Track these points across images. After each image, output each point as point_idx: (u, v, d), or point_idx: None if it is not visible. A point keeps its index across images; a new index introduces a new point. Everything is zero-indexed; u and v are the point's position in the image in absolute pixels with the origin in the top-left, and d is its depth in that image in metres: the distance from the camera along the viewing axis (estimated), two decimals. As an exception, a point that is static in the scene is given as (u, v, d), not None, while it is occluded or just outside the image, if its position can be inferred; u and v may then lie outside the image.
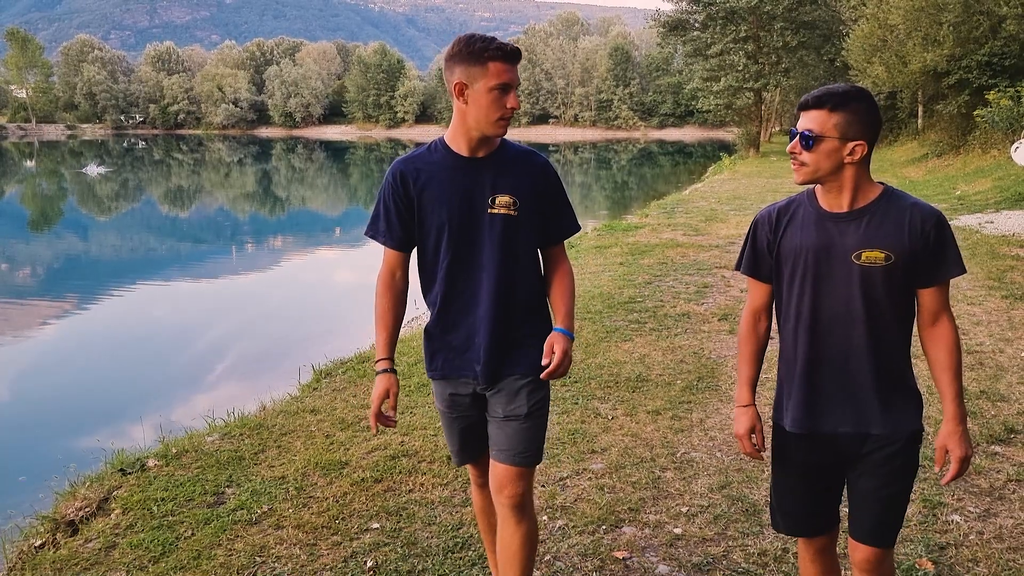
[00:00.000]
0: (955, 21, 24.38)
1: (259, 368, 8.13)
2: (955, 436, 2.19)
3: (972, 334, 6.48)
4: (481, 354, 2.50)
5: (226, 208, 29.14)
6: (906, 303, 2.21)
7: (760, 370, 2.43)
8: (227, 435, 4.78)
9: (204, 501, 3.93)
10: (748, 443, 2.38)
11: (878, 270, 2.13)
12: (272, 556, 3.40)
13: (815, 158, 2.13)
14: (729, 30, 36.88)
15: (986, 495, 3.82)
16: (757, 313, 2.42)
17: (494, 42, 2.32)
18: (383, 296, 2.59)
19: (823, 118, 2.11)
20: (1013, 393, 5.13)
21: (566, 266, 2.64)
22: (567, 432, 4.69)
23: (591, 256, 10.84)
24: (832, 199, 2.19)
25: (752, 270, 2.38)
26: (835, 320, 2.19)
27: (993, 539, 3.43)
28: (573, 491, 3.97)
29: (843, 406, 2.22)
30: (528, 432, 2.53)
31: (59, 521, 4.01)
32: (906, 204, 2.16)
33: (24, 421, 7.07)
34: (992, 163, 21.48)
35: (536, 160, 2.57)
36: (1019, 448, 4.33)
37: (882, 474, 2.22)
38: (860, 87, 2.16)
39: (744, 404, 2.40)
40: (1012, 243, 10.77)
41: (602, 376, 5.68)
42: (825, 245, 2.18)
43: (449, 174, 2.46)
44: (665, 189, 27.48)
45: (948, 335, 2.20)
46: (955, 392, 2.19)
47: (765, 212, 2.36)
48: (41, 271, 16.06)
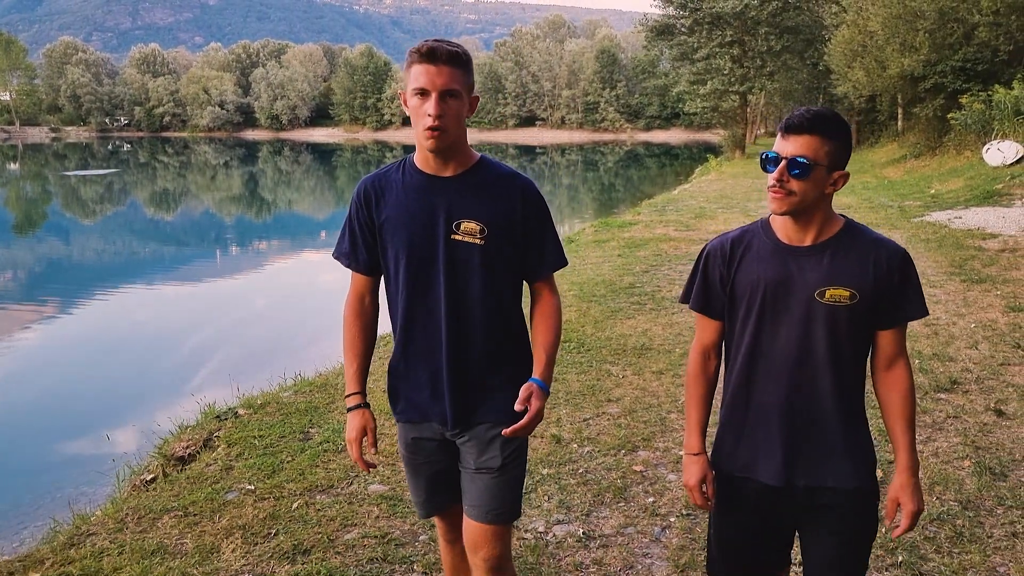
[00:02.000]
0: (931, 28, 25.41)
1: (260, 364, 8.41)
2: (907, 489, 2.06)
3: (933, 311, 7.40)
4: (448, 398, 2.27)
5: (227, 209, 29.68)
6: (864, 346, 2.08)
7: (709, 413, 2.27)
8: (298, 391, 5.64)
9: (295, 437, 4.78)
10: (699, 495, 2.19)
11: (843, 309, 1.99)
12: (362, 472, 4.25)
13: (804, 187, 1.96)
14: (715, 35, 37.95)
15: (928, 427, 4.73)
16: (707, 351, 2.25)
17: (425, 43, 2.09)
18: (351, 324, 2.40)
19: (816, 145, 1.95)
20: (960, 355, 6.05)
21: (550, 305, 2.36)
22: (586, 386, 5.57)
23: (591, 249, 11.73)
24: (794, 231, 2.05)
25: (702, 306, 2.21)
26: (792, 361, 2.04)
27: (931, 455, 4.34)
28: (595, 427, 4.85)
29: (794, 456, 2.06)
30: (502, 487, 2.31)
31: (169, 457, 4.85)
32: (869, 239, 2.04)
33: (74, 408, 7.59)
34: (965, 163, 22.48)
35: (515, 183, 2.29)
36: (959, 395, 5.24)
37: (839, 534, 2.07)
38: (835, 111, 2.06)
39: (694, 452, 2.21)
40: (976, 236, 11.71)
41: (611, 345, 6.56)
42: (783, 280, 2.03)
43: (412, 195, 2.24)
44: (652, 191, 28.00)
45: (904, 380, 2.08)
46: (908, 441, 2.07)
47: (717, 243, 2.19)
48: (58, 268, 16.72)
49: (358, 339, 2.39)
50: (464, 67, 2.13)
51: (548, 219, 2.34)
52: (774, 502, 2.10)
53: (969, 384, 5.45)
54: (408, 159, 2.30)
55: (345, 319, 2.40)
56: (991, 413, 4.91)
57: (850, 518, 2.05)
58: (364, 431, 2.34)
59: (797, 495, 2.07)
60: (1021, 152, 18.99)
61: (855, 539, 2.07)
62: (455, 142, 2.18)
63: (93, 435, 6.41)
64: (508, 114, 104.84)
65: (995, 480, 4.04)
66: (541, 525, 3.72)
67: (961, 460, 4.28)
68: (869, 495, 2.08)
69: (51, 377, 8.23)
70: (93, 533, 3.69)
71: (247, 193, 35.76)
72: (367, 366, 2.41)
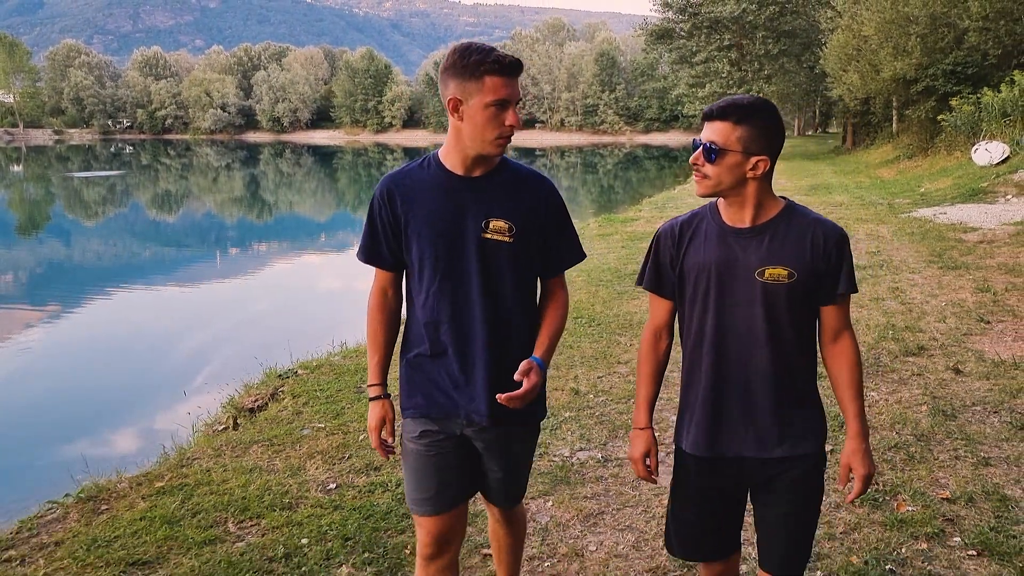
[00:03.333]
0: (922, 33, 26.19)
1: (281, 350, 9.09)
2: (858, 454, 2.17)
3: (909, 292, 8.18)
4: (479, 393, 2.29)
5: (234, 210, 30.27)
6: (808, 322, 2.18)
7: (659, 390, 2.38)
8: (346, 356, 6.42)
9: (351, 390, 5.56)
10: (642, 467, 2.33)
11: (781, 287, 2.09)
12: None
13: (717, 171, 2.07)
14: (714, 39, 38.86)
15: (895, 382, 5.50)
16: (658, 331, 2.35)
17: (491, 54, 2.14)
18: (374, 317, 2.44)
19: (727, 131, 2.06)
20: (929, 328, 6.83)
21: (562, 298, 2.45)
22: (598, 352, 6.35)
23: (596, 241, 12.51)
24: (734, 214, 2.16)
25: (654, 286, 2.32)
26: (738, 339, 2.14)
27: (895, 403, 5.12)
28: (607, 382, 5.63)
29: (745, 429, 2.17)
30: (517, 479, 2.52)
31: (240, 409, 5.61)
32: (809, 220, 2.14)
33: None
34: (955, 163, 23.23)
35: (540, 184, 2.37)
36: (924, 359, 6.01)
37: (787, 501, 2.20)
38: (766, 100, 2.14)
39: (641, 427, 2.33)
40: (957, 230, 12.48)
41: (618, 320, 7.34)
42: (728, 261, 2.13)
43: (440, 194, 2.27)
44: (650, 192, 28.39)
45: (849, 352, 2.20)
46: (857, 409, 2.18)
47: (668, 226, 2.30)
48: (90, 265, 17.44)
49: (380, 332, 2.44)
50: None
51: (568, 218, 2.43)
52: (728, 474, 2.22)
53: (934, 350, 6.22)
54: (432, 157, 2.33)
55: (369, 312, 2.45)
56: (950, 372, 5.68)
57: (799, 485, 2.18)
58: (384, 420, 2.42)
59: (749, 466, 2.19)
60: (1007, 152, 19.74)
61: (804, 503, 2.20)
62: None
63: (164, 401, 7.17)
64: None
65: (946, 420, 4.81)
66: (566, 451, 4.49)
67: (919, 406, 5.05)
68: (817, 461, 2.21)
69: (117, 359, 8.96)
70: (197, 458, 4.46)
71: (252, 195, 35.77)
72: (389, 357, 2.47)
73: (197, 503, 3.85)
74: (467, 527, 2.58)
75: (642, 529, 3.63)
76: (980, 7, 24.00)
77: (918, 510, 3.70)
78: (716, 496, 2.26)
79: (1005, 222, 12.80)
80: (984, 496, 3.83)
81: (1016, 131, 20.49)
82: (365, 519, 3.69)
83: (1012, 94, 21.30)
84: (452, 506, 2.40)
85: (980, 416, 4.87)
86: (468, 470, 2.43)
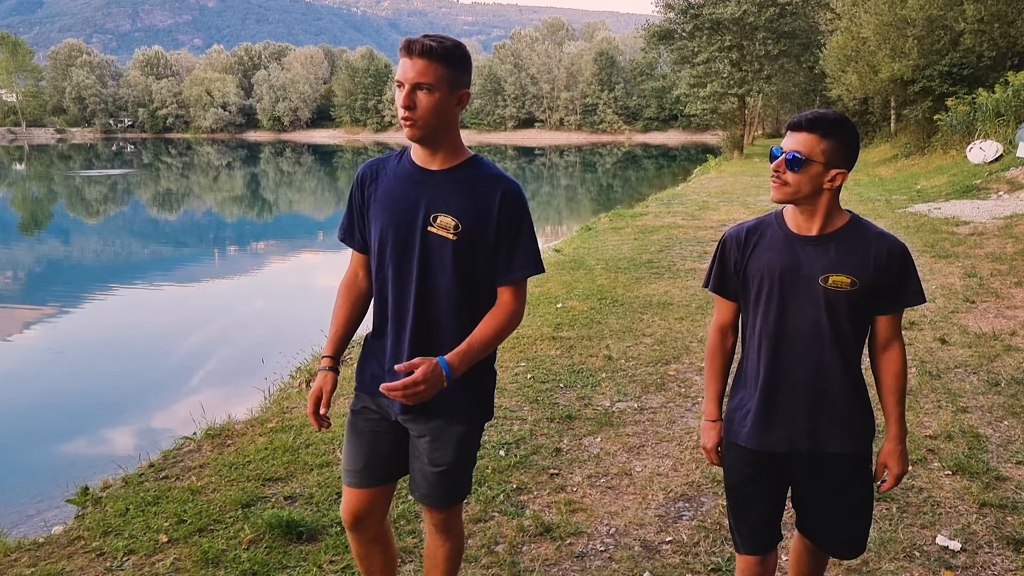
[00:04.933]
0: (920, 35, 26.90)
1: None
2: (895, 455, 2.33)
3: (902, 278, 8.94)
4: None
5: (243, 209, 30.82)
6: (863, 326, 2.28)
7: (726, 385, 2.49)
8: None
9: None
10: (715, 455, 2.48)
11: (842, 294, 2.18)
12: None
13: (798, 180, 2.16)
14: (715, 39, 39.48)
15: (889, 349, 6.25)
16: (724, 329, 2.47)
17: (409, 38, 2.17)
18: (341, 294, 2.51)
19: (813, 142, 2.14)
20: (919, 307, 7.57)
21: (506, 309, 2.33)
22: (624, 327, 7.11)
23: (609, 235, 13.27)
24: (803, 222, 2.24)
25: (719, 288, 2.43)
26: (799, 340, 2.24)
27: (888, 365, 5.87)
28: (636, 350, 6.38)
29: (800, 424, 2.27)
30: (453, 479, 2.43)
31: (312, 373, 6.34)
32: (872, 233, 2.23)
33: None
34: (951, 162, 23.95)
35: (500, 185, 2.30)
36: (915, 332, 6.79)
37: (837, 490, 2.32)
38: (848, 117, 2.24)
39: (712, 419, 2.48)
40: (950, 223, 13.24)
41: (639, 301, 8.10)
42: (793, 266, 2.22)
43: (400, 183, 2.33)
44: (649, 192, 28.55)
45: (898, 361, 2.30)
46: (898, 414, 2.31)
47: (734, 231, 2.39)
48: (107, 262, 18.08)
49: (343, 308, 2.48)
50: (441, 61, 2.15)
51: (526, 225, 2.33)
52: (778, 468, 2.33)
53: (924, 325, 6.98)
54: (408, 149, 2.38)
55: (338, 289, 2.52)
56: (937, 342, 6.45)
57: (851, 478, 2.31)
58: (321, 392, 2.43)
59: (801, 461, 2.30)
60: (1000, 150, 20.45)
61: (859, 493, 2.34)
62: (433, 135, 2.24)
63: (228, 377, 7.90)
64: (507, 116, 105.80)
65: (932, 379, 5.57)
66: (607, 402, 5.25)
67: (910, 368, 5.81)
68: (864, 459, 2.33)
69: (143, 351, 9.69)
70: (295, 407, 5.21)
71: (256, 192, 36.01)
72: (348, 336, 2.50)
73: (307, 438, 4.61)
74: (389, 507, 2.63)
75: (678, 456, 4.39)
76: (975, 10, 24.73)
77: (907, 444, 4.45)
78: (768, 488, 2.37)
79: (995, 216, 13.55)
80: (960, 434, 4.59)
81: (1010, 130, 21.19)
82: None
83: (1006, 94, 21.98)
84: (376, 483, 2.46)
85: (961, 376, 5.64)
86: (399, 454, 2.45)
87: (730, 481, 2.43)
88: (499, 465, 4.29)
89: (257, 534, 3.55)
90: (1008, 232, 11.63)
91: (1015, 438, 4.54)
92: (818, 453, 2.27)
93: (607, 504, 3.90)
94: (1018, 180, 16.74)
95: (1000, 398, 5.17)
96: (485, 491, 3.99)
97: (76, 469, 5.10)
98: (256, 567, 3.29)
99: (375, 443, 2.42)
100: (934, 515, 3.71)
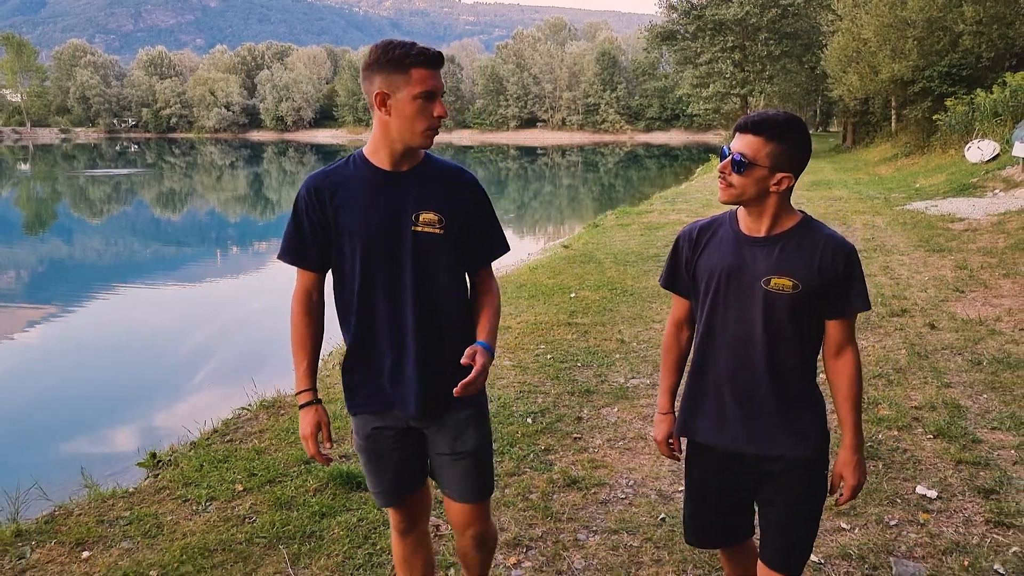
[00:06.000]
0: (919, 36, 27.37)
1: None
2: (851, 465, 2.25)
3: (897, 270, 9.42)
4: (413, 385, 2.33)
5: (249, 208, 31.31)
6: (810, 332, 2.23)
7: (681, 378, 2.49)
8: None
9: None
10: (666, 447, 2.49)
11: (785, 296, 2.15)
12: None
13: (742, 182, 2.14)
14: (717, 40, 40.11)
15: (881, 335, 6.75)
16: (679, 323, 2.47)
17: (415, 47, 2.18)
18: (299, 321, 2.41)
19: (758, 145, 2.11)
20: (912, 296, 8.07)
21: (494, 287, 2.49)
22: (635, 313, 7.60)
23: (616, 231, 13.77)
24: (751, 223, 2.23)
25: (671, 284, 2.44)
26: (740, 341, 2.23)
27: (880, 348, 6.37)
28: (647, 335, 6.88)
29: (744, 426, 2.25)
30: (480, 467, 2.47)
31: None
32: (821, 235, 2.19)
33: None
34: (949, 161, 24.39)
35: (464, 177, 2.42)
36: (906, 318, 7.26)
37: (786, 500, 2.27)
38: (798, 118, 2.17)
39: (664, 412, 2.49)
40: (946, 220, 13.71)
41: (648, 291, 8.60)
42: (738, 267, 2.21)
43: (369, 189, 2.31)
44: (651, 192, 28.65)
45: (851, 366, 2.24)
46: (853, 422, 2.25)
47: (688, 229, 2.40)
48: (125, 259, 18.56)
49: (307, 336, 2.41)
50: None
51: (492, 210, 2.48)
52: (732, 467, 2.32)
53: (915, 312, 7.46)
54: (358, 155, 2.36)
55: (293, 316, 2.42)
56: (927, 327, 6.93)
57: (796, 485, 2.24)
58: (319, 426, 2.38)
59: (749, 461, 2.28)
60: (997, 150, 20.89)
61: (802, 504, 2.26)
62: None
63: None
64: (510, 116, 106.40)
65: (920, 359, 6.06)
66: (621, 379, 5.75)
67: (900, 349, 6.30)
68: (815, 464, 2.26)
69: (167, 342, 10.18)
70: (335, 384, 5.69)
71: (257, 192, 36.75)
72: (316, 362, 2.45)
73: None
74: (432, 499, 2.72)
75: (688, 424, 4.87)
76: (974, 12, 25.22)
77: (893, 413, 4.94)
78: (722, 486, 2.37)
79: (990, 213, 14.01)
80: (943, 405, 5.08)
81: (1007, 130, 21.64)
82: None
83: (1003, 95, 22.41)
84: (412, 492, 2.52)
85: (947, 356, 6.12)
86: (422, 456, 2.50)
87: (689, 476, 2.45)
88: (527, 431, 4.79)
89: (320, 484, 4.05)
90: (1000, 228, 12.10)
91: (992, 409, 5.02)
92: (763, 455, 2.25)
93: (625, 462, 4.39)
94: (1013, 178, 17.20)
95: (982, 375, 5.65)
96: (516, 451, 4.49)
97: (146, 439, 5.60)
98: (324, 509, 3.79)
99: (398, 459, 2.46)
100: (915, 470, 4.19)
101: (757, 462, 2.26)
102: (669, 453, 2.50)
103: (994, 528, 3.60)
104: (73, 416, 6.84)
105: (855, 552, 3.40)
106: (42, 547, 3.56)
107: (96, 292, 12.82)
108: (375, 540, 3.53)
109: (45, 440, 6.22)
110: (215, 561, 3.37)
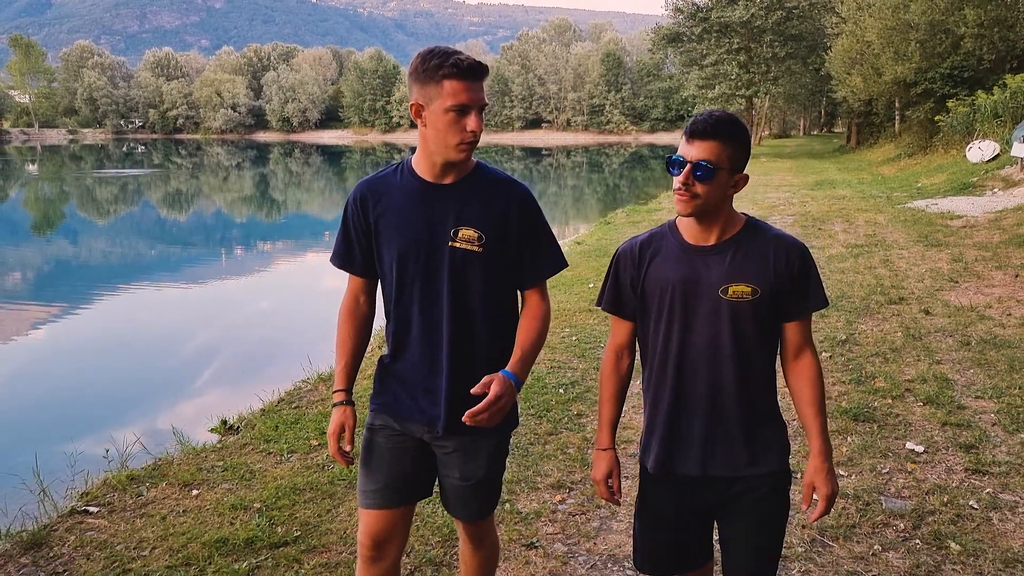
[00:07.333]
0: (922, 39, 27.85)
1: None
2: (821, 473, 2.13)
3: (896, 262, 9.99)
4: (441, 403, 2.26)
5: (261, 208, 31.77)
6: (772, 338, 2.16)
7: (621, 410, 2.34)
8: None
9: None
10: (604, 488, 2.29)
11: (746, 304, 2.07)
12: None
13: (707, 190, 2.02)
14: (723, 42, 40.66)
15: (879, 320, 7.31)
16: (620, 351, 2.31)
17: (451, 57, 2.08)
18: (344, 323, 2.42)
19: (718, 149, 2.01)
20: (909, 286, 8.65)
21: (539, 310, 2.35)
22: (650, 302, 8.14)
23: (627, 228, 14.35)
24: (699, 232, 2.12)
25: (614, 307, 2.28)
26: (702, 357, 2.11)
27: (878, 332, 6.94)
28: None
29: (710, 447, 2.14)
30: (484, 491, 2.41)
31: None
32: (769, 236, 2.12)
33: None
34: (951, 161, 24.88)
35: (513, 190, 2.30)
36: (903, 305, 7.83)
37: (752, 522, 2.17)
38: (737, 116, 2.11)
39: (603, 448, 2.30)
40: (945, 217, 14.26)
41: (661, 282, 9.14)
42: (692, 279, 2.10)
43: (411, 201, 2.25)
44: (656, 192, 28.74)
45: (811, 369, 2.16)
46: (819, 427, 2.14)
47: (627, 246, 2.26)
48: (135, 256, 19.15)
49: (348, 338, 2.41)
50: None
51: (543, 225, 2.34)
52: (693, 493, 2.19)
53: (911, 300, 8.03)
54: (406, 163, 2.31)
55: (339, 317, 2.43)
56: (922, 313, 7.50)
57: (762, 503, 2.15)
58: (343, 427, 2.36)
59: (715, 485, 2.16)
60: (998, 150, 21.39)
61: (767, 523, 2.17)
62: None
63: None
64: (515, 116, 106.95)
65: (914, 340, 6.62)
66: (642, 357, 6.29)
67: (896, 332, 6.86)
68: (781, 478, 2.17)
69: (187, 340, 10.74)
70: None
71: (262, 193, 36.95)
72: (357, 365, 2.44)
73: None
74: (409, 536, 2.60)
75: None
76: (976, 15, 25.70)
77: (888, 385, 5.51)
78: (682, 514, 2.24)
79: (987, 211, 14.55)
80: (933, 378, 5.65)
81: (1006, 131, 22.13)
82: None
83: (1004, 96, 22.89)
84: (397, 504, 2.38)
85: (939, 338, 6.69)
86: (421, 473, 2.40)
87: (640, 504, 2.32)
88: (560, 399, 5.36)
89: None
90: (997, 225, 12.65)
91: (977, 382, 5.59)
92: (733, 477, 2.14)
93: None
94: (1012, 178, 17.72)
95: (970, 353, 6.22)
96: (552, 415, 5.07)
97: (207, 413, 6.17)
98: (392, 459, 4.35)
99: (396, 459, 2.36)
100: (905, 431, 4.76)
101: (725, 485, 2.16)
102: (608, 495, 2.30)
103: (972, 475, 4.17)
104: (143, 393, 7.49)
105: (851, 492, 3.97)
106: (155, 487, 4.14)
107: (140, 289, 13.30)
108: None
109: (126, 412, 6.87)
110: (306, 498, 3.95)
